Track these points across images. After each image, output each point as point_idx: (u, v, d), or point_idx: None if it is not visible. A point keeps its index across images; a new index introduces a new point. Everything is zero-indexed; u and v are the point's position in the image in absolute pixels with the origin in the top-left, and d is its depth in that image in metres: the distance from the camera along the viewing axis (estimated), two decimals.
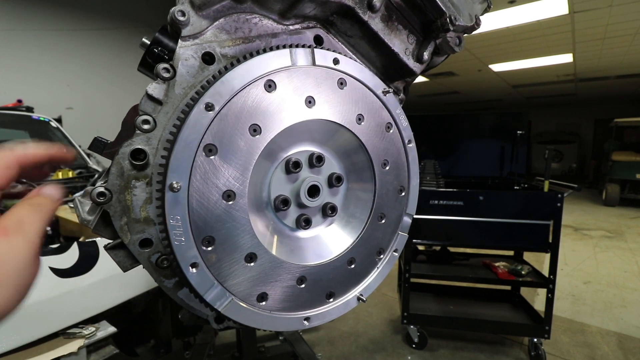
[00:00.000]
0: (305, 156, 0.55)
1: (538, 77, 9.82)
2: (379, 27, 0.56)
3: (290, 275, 0.52)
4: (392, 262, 0.64)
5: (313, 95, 0.51)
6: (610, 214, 8.48)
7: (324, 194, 0.55)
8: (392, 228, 0.63)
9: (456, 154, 4.12)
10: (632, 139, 10.72)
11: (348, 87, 0.54)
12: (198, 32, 0.47)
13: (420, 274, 3.04)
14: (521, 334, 2.97)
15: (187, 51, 0.46)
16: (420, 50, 0.62)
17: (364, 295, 0.61)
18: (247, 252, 0.48)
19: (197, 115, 0.42)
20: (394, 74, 0.64)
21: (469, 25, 0.60)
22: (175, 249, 0.43)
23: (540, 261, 4.84)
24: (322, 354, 2.97)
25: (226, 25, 0.49)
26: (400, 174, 0.62)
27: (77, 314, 1.53)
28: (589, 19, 5.63)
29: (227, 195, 0.45)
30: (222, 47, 0.49)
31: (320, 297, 0.57)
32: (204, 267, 0.45)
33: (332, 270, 0.57)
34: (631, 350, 2.99)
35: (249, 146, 0.46)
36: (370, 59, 0.62)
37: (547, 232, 2.61)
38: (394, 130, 0.60)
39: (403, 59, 0.61)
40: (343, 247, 0.58)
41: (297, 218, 0.55)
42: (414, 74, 0.64)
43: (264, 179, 0.52)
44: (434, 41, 0.62)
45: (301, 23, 0.55)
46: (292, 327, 0.54)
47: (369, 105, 0.57)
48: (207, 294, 0.46)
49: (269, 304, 0.51)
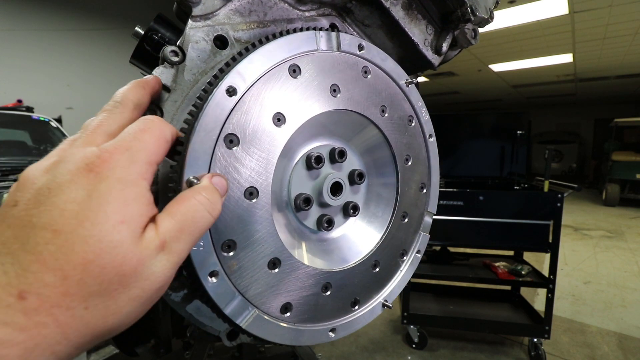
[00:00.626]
0: (327, 151, 0.50)
1: (538, 77, 9.82)
2: (400, 15, 0.53)
3: (315, 282, 0.47)
4: (415, 264, 0.59)
5: (338, 84, 0.46)
6: (610, 214, 8.48)
7: (346, 192, 0.51)
8: (414, 228, 0.59)
9: (456, 154, 4.11)
10: (632, 139, 10.72)
11: (372, 76, 0.50)
12: (210, 12, 0.42)
13: (420, 274, 3.03)
14: (521, 334, 2.97)
15: (198, 33, 0.42)
16: (439, 41, 0.59)
17: (389, 300, 0.56)
18: (271, 258, 0.43)
19: (218, 100, 0.37)
20: (409, 66, 0.61)
21: (485, 18, 0.58)
22: (194, 256, 0.37)
23: (540, 261, 4.84)
24: (322, 354, 2.97)
25: (240, 7, 0.45)
26: (421, 170, 0.58)
27: None
28: (589, 19, 5.63)
29: (250, 192, 0.40)
30: (236, 30, 0.44)
31: (345, 305, 0.51)
32: (224, 275, 0.39)
33: (357, 275, 0.52)
34: (631, 350, 2.99)
35: (273, 137, 0.41)
36: (387, 51, 0.58)
37: (547, 232, 2.61)
38: (415, 123, 0.57)
39: (422, 49, 0.58)
40: (367, 249, 0.54)
41: (319, 218, 0.50)
42: (432, 66, 0.61)
43: (284, 175, 0.47)
44: (452, 32, 0.59)
45: (317, 10, 0.52)
46: (318, 340, 0.49)
47: (392, 97, 0.53)
48: (227, 307, 0.40)
49: (293, 316, 0.46)
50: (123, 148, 0.29)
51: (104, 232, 0.25)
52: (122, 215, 0.26)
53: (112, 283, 0.25)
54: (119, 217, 0.26)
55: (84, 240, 0.24)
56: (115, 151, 0.28)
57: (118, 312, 0.26)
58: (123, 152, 0.28)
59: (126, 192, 0.27)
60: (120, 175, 0.27)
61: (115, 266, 0.25)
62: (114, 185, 0.26)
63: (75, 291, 0.24)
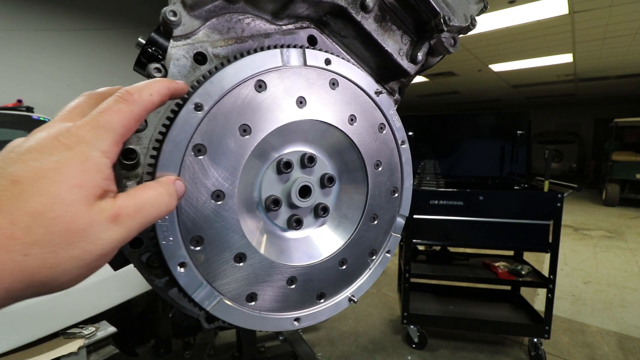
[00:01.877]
0: (297, 156, 0.54)
1: (538, 77, 9.82)
2: (372, 28, 0.56)
3: (281, 276, 0.52)
4: (384, 263, 0.64)
5: (304, 96, 0.51)
6: (610, 214, 8.48)
7: (315, 195, 0.55)
8: (384, 229, 0.63)
9: (456, 154, 4.11)
10: (632, 139, 10.72)
11: (340, 87, 0.54)
12: (190, 32, 0.47)
13: (420, 274, 3.04)
14: (521, 334, 2.97)
15: (179, 51, 0.46)
16: (415, 50, 0.61)
17: (356, 296, 0.61)
18: (237, 252, 0.48)
19: (185, 115, 0.42)
20: (388, 74, 0.64)
21: (464, 26, 0.60)
22: (163, 248, 0.43)
23: (540, 261, 4.85)
24: (322, 354, 2.97)
25: (218, 25, 0.49)
26: (393, 175, 0.62)
27: (77, 314, 1.53)
28: (589, 19, 5.63)
29: (217, 195, 0.45)
30: (215, 47, 0.49)
31: (311, 297, 0.56)
32: (192, 266, 0.45)
33: (323, 270, 0.57)
34: (631, 350, 2.99)
35: (239, 146, 0.46)
36: (365, 60, 0.62)
37: (547, 232, 2.62)
38: (387, 131, 0.60)
39: (397, 59, 0.60)
40: (334, 247, 0.58)
41: (289, 218, 0.55)
42: (408, 74, 0.63)
43: (255, 179, 0.52)
44: (428, 42, 0.61)
45: (294, 23, 0.55)
46: (282, 328, 0.54)
47: (361, 106, 0.56)
48: (196, 293, 0.46)
49: (258, 304, 0.51)
50: (92, 126, 0.31)
51: (59, 190, 0.28)
52: (79, 179, 0.29)
53: (56, 236, 0.27)
54: (76, 180, 0.29)
55: (39, 193, 0.27)
56: (84, 127, 0.31)
57: (55, 266, 0.28)
58: (90, 130, 0.31)
59: (87, 164, 0.30)
60: (84, 149, 0.30)
61: (64, 221, 0.27)
62: (77, 155, 0.29)
63: (19, 236, 0.26)
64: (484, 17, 5.54)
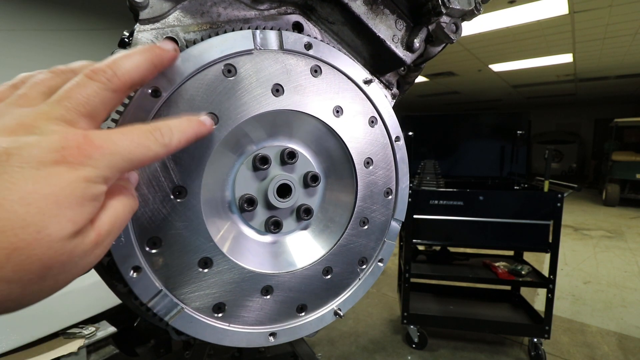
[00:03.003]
0: (276, 152, 0.49)
1: (538, 77, 9.82)
2: (362, 11, 0.51)
3: (253, 285, 0.47)
4: (376, 273, 0.57)
5: (281, 83, 0.45)
6: (610, 214, 8.48)
7: (297, 195, 0.50)
8: (376, 235, 0.56)
9: (456, 154, 4.11)
10: (632, 139, 10.72)
11: (324, 75, 0.48)
12: (159, 15, 0.43)
13: (420, 274, 3.04)
14: (521, 334, 2.97)
15: (146, 35, 0.42)
16: (411, 37, 0.55)
17: (343, 309, 0.54)
18: (201, 257, 0.43)
19: (140, 102, 0.38)
20: (383, 64, 0.58)
21: (467, 10, 0.53)
22: (113, 250, 0.37)
23: (540, 261, 4.84)
24: (322, 354, 2.97)
25: (191, 8, 0.44)
26: (386, 174, 0.55)
27: (77, 314, 1.53)
28: (589, 19, 5.63)
29: (177, 192, 0.41)
30: (187, 32, 0.44)
31: (290, 310, 0.50)
32: (148, 271, 0.40)
33: (304, 280, 0.50)
34: (631, 350, 2.99)
35: (204, 137, 0.42)
36: (357, 48, 0.56)
37: (547, 232, 2.61)
38: (378, 125, 0.54)
39: (390, 46, 0.54)
40: (318, 254, 0.52)
41: (266, 220, 0.49)
42: (404, 63, 0.57)
43: (228, 175, 0.47)
44: (426, 27, 0.56)
45: (278, 8, 0.50)
46: (255, 343, 0.47)
47: (348, 97, 0.51)
48: (153, 301, 0.40)
49: (227, 316, 0.45)
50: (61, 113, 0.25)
51: (45, 223, 0.23)
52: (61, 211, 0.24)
53: (30, 273, 0.23)
54: (66, 215, 0.24)
55: (20, 224, 0.22)
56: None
57: (19, 299, 0.24)
58: None
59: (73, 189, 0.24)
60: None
61: (42, 259, 0.23)
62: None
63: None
64: (484, 17, 5.54)
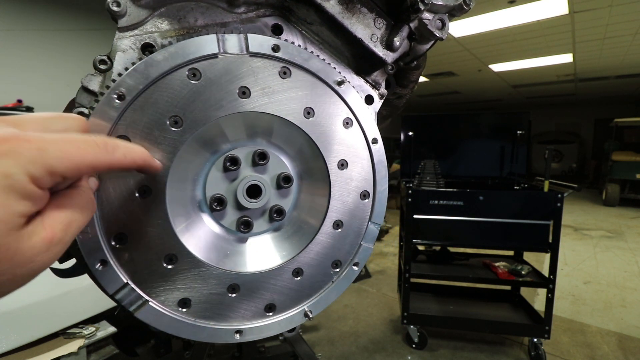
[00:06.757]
0: (247, 153, 0.50)
1: (538, 77, 9.82)
2: (336, 10, 0.50)
3: (219, 282, 0.48)
4: (350, 276, 0.57)
5: (247, 86, 0.46)
6: (610, 214, 8.47)
7: (268, 196, 0.51)
8: (351, 238, 0.56)
9: (456, 154, 4.10)
10: (632, 139, 10.72)
11: (293, 77, 0.49)
12: (137, 22, 0.45)
13: (420, 274, 3.04)
14: (521, 334, 2.96)
15: (125, 42, 0.44)
16: (391, 35, 0.53)
17: (314, 311, 0.54)
18: (167, 253, 0.45)
19: (105, 105, 0.40)
20: (365, 64, 0.57)
21: (454, 5, 0.51)
22: (80, 243, 0.40)
23: (540, 261, 4.84)
24: (322, 354, 2.97)
25: (168, 14, 0.46)
26: (363, 177, 0.55)
27: (77, 314, 1.53)
28: (589, 19, 5.63)
29: (143, 190, 0.43)
30: (164, 37, 0.46)
31: (257, 309, 0.51)
32: (114, 265, 0.42)
33: (273, 280, 0.51)
34: (631, 350, 2.99)
35: (170, 139, 0.43)
36: (338, 48, 0.55)
37: (547, 232, 2.61)
38: (354, 127, 0.53)
39: (369, 45, 0.53)
40: (288, 255, 0.53)
41: (237, 220, 0.51)
42: (385, 62, 0.56)
43: (199, 175, 0.48)
44: (407, 25, 0.53)
45: (256, 11, 0.50)
46: (220, 340, 0.49)
47: (320, 98, 0.51)
48: (120, 294, 0.43)
49: (193, 311, 0.47)
50: (38, 144, 0.25)
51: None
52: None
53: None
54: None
55: None
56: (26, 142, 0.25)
57: None
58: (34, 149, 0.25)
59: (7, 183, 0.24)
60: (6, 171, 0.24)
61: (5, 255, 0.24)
62: None
63: None
64: (484, 17, 5.54)
